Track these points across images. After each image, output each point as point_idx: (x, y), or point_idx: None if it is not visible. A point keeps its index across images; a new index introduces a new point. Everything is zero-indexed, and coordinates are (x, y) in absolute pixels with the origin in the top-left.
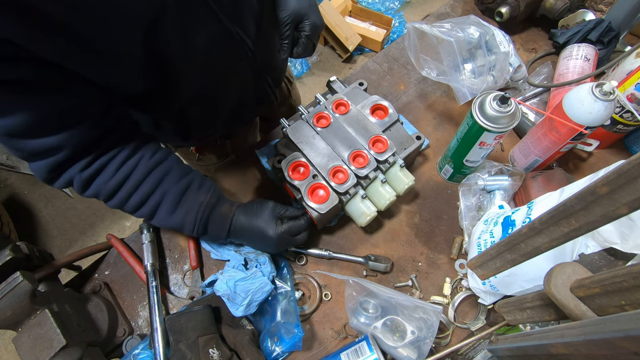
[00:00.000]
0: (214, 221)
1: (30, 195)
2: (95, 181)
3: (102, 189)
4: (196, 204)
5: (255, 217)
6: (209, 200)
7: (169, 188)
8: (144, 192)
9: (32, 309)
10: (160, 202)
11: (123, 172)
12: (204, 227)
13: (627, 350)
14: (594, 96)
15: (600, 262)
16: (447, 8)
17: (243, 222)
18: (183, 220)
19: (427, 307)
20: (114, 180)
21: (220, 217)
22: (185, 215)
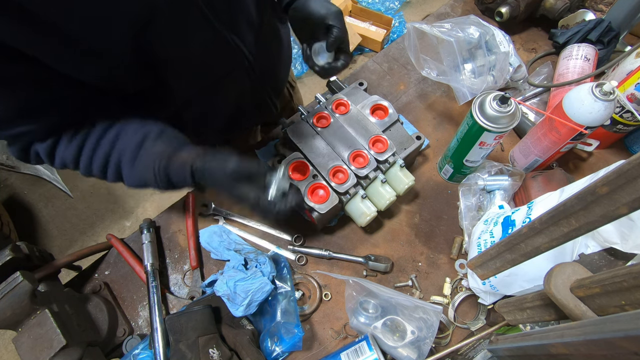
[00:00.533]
0: (174, 171)
1: (30, 195)
2: (56, 151)
3: (66, 158)
4: (152, 156)
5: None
6: (164, 150)
7: (125, 145)
8: (103, 153)
9: (32, 309)
10: (120, 161)
11: (80, 138)
12: (165, 177)
13: (627, 350)
14: (594, 96)
15: (600, 262)
16: (447, 8)
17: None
18: (143, 176)
19: (427, 307)
20: (72, 146)
21: (179, 166)
22: (144, 171)
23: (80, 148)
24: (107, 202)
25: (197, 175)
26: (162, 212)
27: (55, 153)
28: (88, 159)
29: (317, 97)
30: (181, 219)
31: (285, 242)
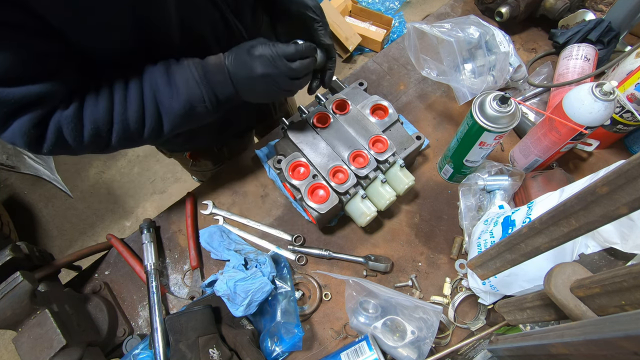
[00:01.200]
0: (212, 75)
1: (30, 195)
2: (85, 113)
3: (98, 117)
4: (184, 69)
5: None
6: (192, 61)
7: (154, 77)
8: (135, 93)
9: (32, 309)
10: (156, 92)
11: (106, 92)
12: (208, 86)
13: (627, 350)
14: (594, 96)
15: (600, 262)
16: (447, 8)
17: (234, 63)
18: (186, 93)
19: (427, 307)
20: (102, 102)
21: (215, 68)
22: (184, 86)
23: (110, 100)
24: (107, 202)
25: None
26: (162, 212)
27: (84, 116)
28: (122, 107)
29: (317, 97)
30: (181, 219)
31: (285, 242)
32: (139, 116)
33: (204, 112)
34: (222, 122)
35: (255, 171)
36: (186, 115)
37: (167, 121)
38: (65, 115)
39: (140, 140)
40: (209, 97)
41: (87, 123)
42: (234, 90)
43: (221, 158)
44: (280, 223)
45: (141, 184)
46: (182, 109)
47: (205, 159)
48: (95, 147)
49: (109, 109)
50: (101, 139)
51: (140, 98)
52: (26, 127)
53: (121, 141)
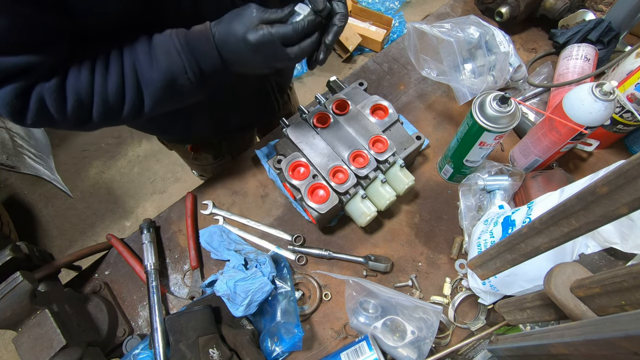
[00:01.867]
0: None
1: (30, 195)
2: (67, 85)
3: (80, 88)
4: (166, 38)
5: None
6: (176, 31)
7: (135, 47)
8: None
9: (32, 309)
10: (135, 62)
11: (88, 63)
12: (190, 55)
13: (627, 350)
14: (594, 96)
15: (600, 262)
16: (447, 8)
17: (222, 31)
18: (167, 64)
19: (427, 307)
20: (84, 73)
21: (199, 36)
22: (166, 57)
23: (92, 71)
24: (107, 202)
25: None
26: (162, 212)
27: (67, 87)
28: (102, 77)
29: (317, 97)
30: (181, 219)
31: (285, 242)
32: (119, 87)
33: (187, 85)
34: (222, 114)
35: (255, 171)
36: (168, 88)
37: (147, 94)
38: (48, 87)
39: (122, 116)
40: (191, 67)
41: (69, 95)
42: (221, 62)
43: (221, 152)
44: (280, 223)
45: (141, 184)
46: (162, 80)
47: (205, 153)
48: (77, 121)
49: (90, 80)
50: (83, 113)
51: (120, 68)
52: (9, 97)
53: (102, 116)
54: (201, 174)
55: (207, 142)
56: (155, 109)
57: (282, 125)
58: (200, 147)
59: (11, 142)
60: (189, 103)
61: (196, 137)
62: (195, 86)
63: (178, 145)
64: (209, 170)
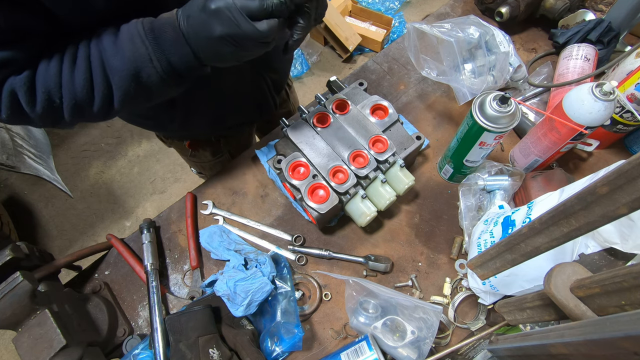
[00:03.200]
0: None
1: (30, 195)
2: (37, 78)
3: (49, 81)
4: (131, 26)
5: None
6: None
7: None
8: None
9: (32, 309)
10: (101, 52)
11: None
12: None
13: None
14: (594, 96)
15: (600, 262)
16: (447, 8)
17: (185, 9)
18: (131, 49)
19: (427, 307)
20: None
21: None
22: (129, 44)
23: (60, 62)
24: (107, 202)
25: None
26: (162, 212)
27: (36, 81)
28: (69, 70)
29: (317, 97)
30: (181, 219)
31: (285, 242)
32: (86, 79)
33: (155, 76)
34: (219, 111)
35: (255, 171)
36: (134, 78)
37: (115, 86)
38: (19, 79)
39: (93, 110)
40: (157, 56)
41: (39, 88)
42: (190, 52)
43: (220, 149)
44: (280, 223)
45: (141, 184)
46: (128, 70)
47: (204, 150)
48: (51, 119)
49: (58, 72)
50: (54, 109)
51: (87, 59)
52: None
53: (72, 110)
54: (200, 171)
55: (205, 139)
56: (126, 104)
57: (282, 125)
58: (198, 143)
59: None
60: (164, 99)
61: (194, 134)
62: (166, 79)
63: (176, 142)
64: (207, 168)
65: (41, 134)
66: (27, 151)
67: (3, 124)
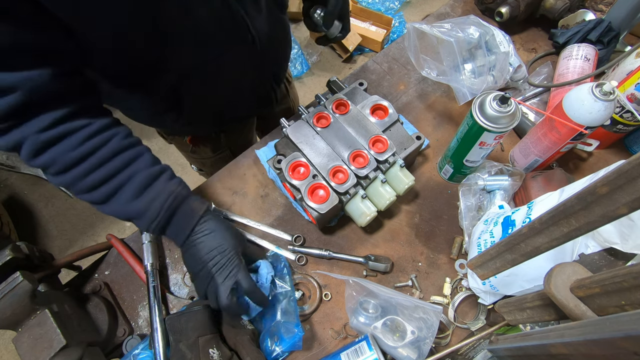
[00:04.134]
0: (181, 215)
1: (30, 195)
2: (54, 148)
3: (59, 160)
4: (166, 192)
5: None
6: (180, 191)
7: (139, 171)
8: (109, 170)
9: (32, 309)
10: (125, 183)
11: (91, 145)
12: (167, 220)
13: (627, 350)
14: (594, 96)
15: (600, 262)
16: (447, 8)
17: (211, 226)
18: (146, 208)
19: (427, 307)
20: (78, 151)
21: (190, 212)
22: (152, 202)
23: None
24: None
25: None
26: None
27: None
28: (86, 171)
29: (317, 97)
30: None
31: (285, 242)
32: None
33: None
34: (222, 104)
35: (255, 171)
36: (125, 218)
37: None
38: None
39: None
40: (158, 225)
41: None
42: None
43: (220, 145)
44: (280, 223)
45: None
46: (129, 214)
47: (204, 146)
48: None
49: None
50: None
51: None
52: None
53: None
54: (200, 168)
55: (206, 134)
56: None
57: (282, 125)
58: (199, 139)
59: None
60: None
61: (197, 129)
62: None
63: (177, 138)
64: (208, 164)
65: None
66: None
67: None
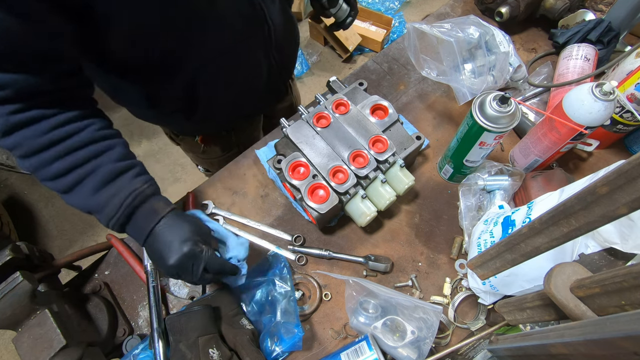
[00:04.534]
0: (141, 215)
1: (30, 195)
2: (23, 131)
3: (26, 143)
4: (128, 189)
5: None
6: (145, 190)
7: (105, 164)
8: (75, 160)
9: (32, 309)
10: (89, 175)
11: (62, 133)
12: (126, 218)
13: (627, 350)
14: (594, 96)
15: (600, 262)
16: (447, 8)
17: (170, 222)
18: (105, 203)
19: (427, 307)
20: (47, 137)
21: (151, 212)
22: (112, 198)
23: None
24: None
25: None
26: None
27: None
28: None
29: (317, 97)
30: None
31: (285, 242)
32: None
33: (102, 223)
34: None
35: (255, 171)
36: (85, 211)
37: (71, 197)
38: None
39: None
40: (118, 225)
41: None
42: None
43: (230, 144)
44: (280, 223)
45: None
46: (89, 207)
47: (215, 145)
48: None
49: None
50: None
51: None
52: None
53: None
54: (207, 168)
55: (217, 133)
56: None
57: (282, 125)
58: (210, 138)
59: None
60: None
61: (209, 127)
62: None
63: (187, 139)
64: (216, 164)
65: None
66: None
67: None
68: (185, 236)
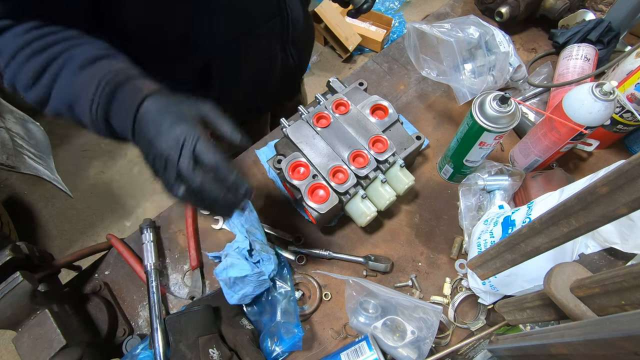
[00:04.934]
0: (124, 94)
1: (30, 195)
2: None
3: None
4: (108, 67)
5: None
6: (128, 70)
7: (84, 52)
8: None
9: (32, 309)
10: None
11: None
12: (107, 99)
13: (627, 350)
14: (594, 96)
15: (600, 262)
16: (447, 8)
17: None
18: (83, 85)
19: (427, 307)
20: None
21: (134, 90)
22: (89, 81)
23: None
24: (107, 202)
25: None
26: (162, 212)
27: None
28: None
29: (317, 97)
30: (181, 219)
31: (285, 242)
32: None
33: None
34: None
35: (255, 171)
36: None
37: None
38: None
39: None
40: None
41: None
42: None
43: None
44: (280, 223)
45: (141, 184)
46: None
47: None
48: None
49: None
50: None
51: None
52: None
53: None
54: None
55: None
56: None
57: (282, 125)
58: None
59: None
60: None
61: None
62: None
63: None
64: None
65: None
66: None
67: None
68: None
